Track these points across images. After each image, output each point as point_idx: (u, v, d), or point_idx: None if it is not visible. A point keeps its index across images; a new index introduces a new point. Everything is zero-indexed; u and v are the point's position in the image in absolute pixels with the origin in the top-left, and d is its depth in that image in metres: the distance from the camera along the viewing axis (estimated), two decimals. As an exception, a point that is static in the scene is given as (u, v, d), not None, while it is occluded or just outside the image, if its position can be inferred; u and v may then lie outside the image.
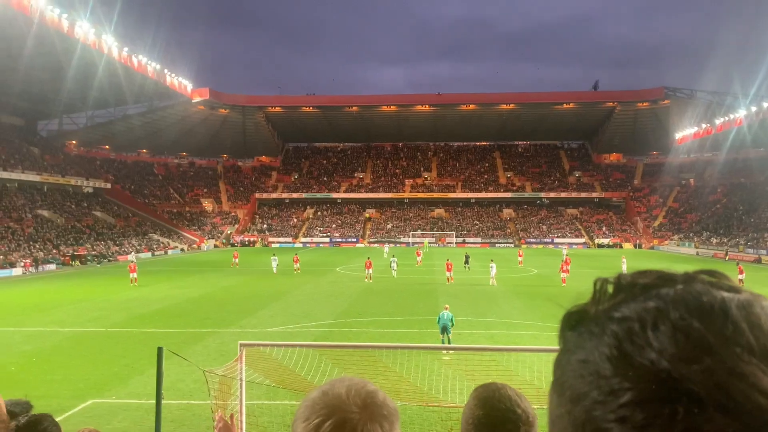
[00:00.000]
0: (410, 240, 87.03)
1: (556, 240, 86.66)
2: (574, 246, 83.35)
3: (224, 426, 4.35)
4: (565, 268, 37.29)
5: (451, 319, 18.99)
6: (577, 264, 48.95)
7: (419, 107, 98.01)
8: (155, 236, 77.27)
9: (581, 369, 0.49)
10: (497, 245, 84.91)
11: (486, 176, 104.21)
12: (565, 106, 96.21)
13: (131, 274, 37.76)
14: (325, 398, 1.11)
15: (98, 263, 57.94)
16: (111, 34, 59.10)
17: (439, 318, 19.22)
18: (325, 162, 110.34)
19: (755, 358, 0.44)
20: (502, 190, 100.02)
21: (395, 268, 42.01)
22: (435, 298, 30.19)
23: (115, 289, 35.29)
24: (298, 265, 46.37)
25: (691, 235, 79.18)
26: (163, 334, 21.19)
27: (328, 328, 22.31)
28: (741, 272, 35.23)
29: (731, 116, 76.90)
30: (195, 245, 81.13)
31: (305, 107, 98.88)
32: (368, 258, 42.21)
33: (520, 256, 52.87)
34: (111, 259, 60.96)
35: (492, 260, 38.60)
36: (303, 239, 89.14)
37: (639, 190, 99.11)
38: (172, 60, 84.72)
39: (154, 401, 8.23)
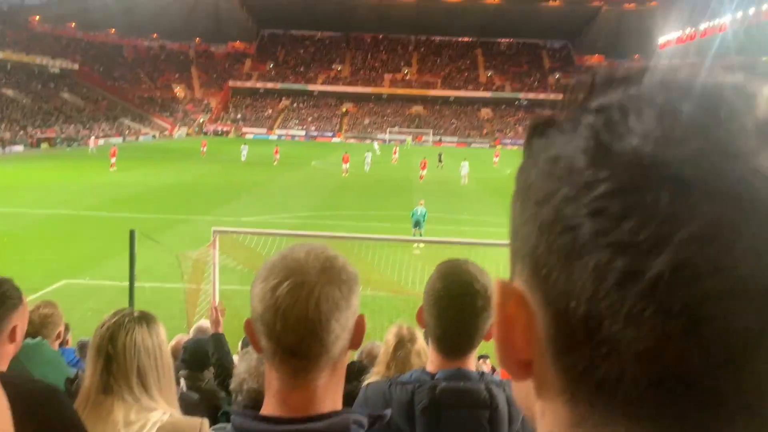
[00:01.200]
0: (387, 137, 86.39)
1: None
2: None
3: (215, 317, 4.49)
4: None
5: (424, 215, 19.24)
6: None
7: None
8: (126, 121, 75.43)
9: (550, 167, 0.40)
10: (473, 145, 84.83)
11: (466, 74, 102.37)
12: (551, 2, 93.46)
13: (111, 159, 37.18)
14: (284, 261, 1.11)
15: (68, 146, 56.72)
16: None
17: (412, 213, 19.47)
18: (302, 51, 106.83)
19: (753, 139, 0.35)
20: (481, 89, 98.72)
21: (369, 162, 42.08)
22: (408, 194, 30.44)
23: (86, 173, 34.80)
24: (278, 156, 46.19)
25: (664, 141, 79.85)
26: (136, 219, 21.15)
27: (303, 220, 22.51)
28: None
29: (716, 21, 75.61)
30: (167, 132, 79.58)
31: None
32: (346, 152, 42.08)
33: (495, 156, 52.98)
34: (81, 142, 59.68)
35: (465, 159, 38.71)
36: (278, 131, 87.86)
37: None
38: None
39: (127, 283, 8.33)
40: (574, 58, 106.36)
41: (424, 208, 19.37)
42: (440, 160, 46.54)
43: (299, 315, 1.06)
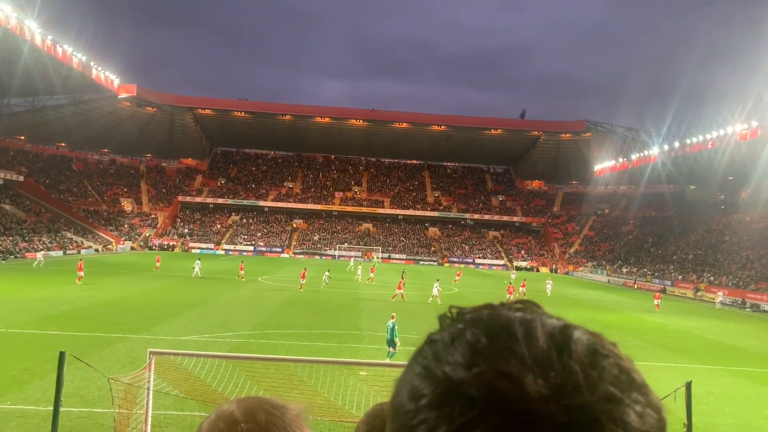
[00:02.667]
0: (336, 253, 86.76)
1: (477, 260, 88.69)
2: (494, 267, 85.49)
3: None
4: (512, 290, 41.46)
5: (392, 330, 18.47)
6: (502, 285, 50.20)
7: (353, 121, 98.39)
8: (68, 234, 73.65)
9: (402, 388, 0.58)
10: (421, 263, 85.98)
11: (414, 194, 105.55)
12: (493, 131, 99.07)
13: (78, 272, 36.07)
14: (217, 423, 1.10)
15: (3, 259, 54.62)
16: (34, 20, 56.25)
17: (387, 329, 18.83)
18: (254, 169, 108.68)
19: (526, 363, 0.52)
20: (429, 209, 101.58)
21: (326, 281, 42.68)
22: (357, 312, 30.20)
23: (20, 288, 33.34)
24: (242, 272, 46.63)
25: (603, 263, 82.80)
26: (70, 337, 20.18)
27: (245, 338, 21.88)
28: (657, 298, 42.16)
29: (646, 152, 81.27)
30: (110, 246, 77.88)
31: (237, 112, 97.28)
32: (305, 268, 42.88)
33: (457, 275, 54.99)
34: (18, 255, 57.61)
35: (438, 279, 39.02)
36: (226, 246, 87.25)
37: (558, 216, 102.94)
38: (100, 54, 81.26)
39: (52, 408, 7.83)
40: (516, 181, 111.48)
41: (393, 322, 18.57)
42: (402, 278, 47.02)
43: None
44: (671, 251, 75.80)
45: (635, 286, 66.06)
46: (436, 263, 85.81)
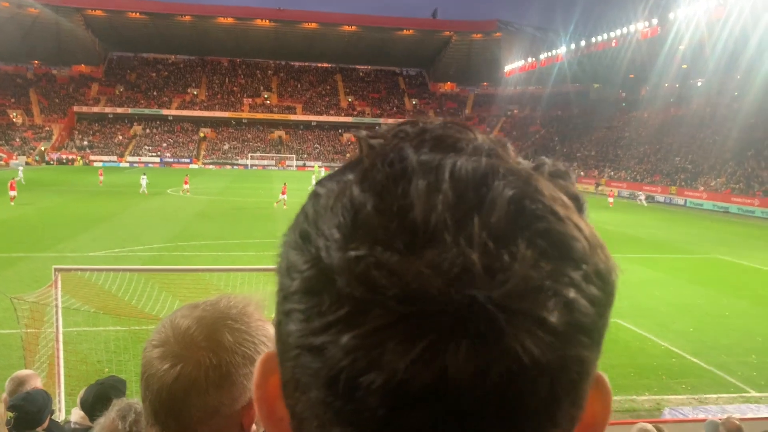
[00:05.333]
0: (248, 162, 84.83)
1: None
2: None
3: None
4: None
5: None
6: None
7: (259, 21, 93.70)
8: (-49, 151, 67.81)
9: (283, 252, 0.45)
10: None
11: (327, 99, 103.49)
12: (405, 32, 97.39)
13: (11, 192, 33.27)
14: (171, 330, 1.05)
15: None
16: None
17: None
18: (154, 75, 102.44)
19: (414, 245, 0.38)
20: (343, 114, 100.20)
21: (144, 185, 41.31)
22: (273, 221, 29.97)
23: None
24: (188, 186, 43.29)
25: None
26: (-36, 259, 18.95)
27: (158, 252, 21.33)
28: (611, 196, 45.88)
29: (554, 52, 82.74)
30: (2, 162, 72.53)
31: (131, 12, 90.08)
32: (284, 183, 40.99)
33: None
34: None
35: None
36: (129, 158, 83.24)
37: (470, 119, 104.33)
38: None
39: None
40: (429, 84, 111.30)
41: None
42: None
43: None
44: (575, 149, 79.18)
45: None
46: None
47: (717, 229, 35.10)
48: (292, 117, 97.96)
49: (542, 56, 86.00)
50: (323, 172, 40.48)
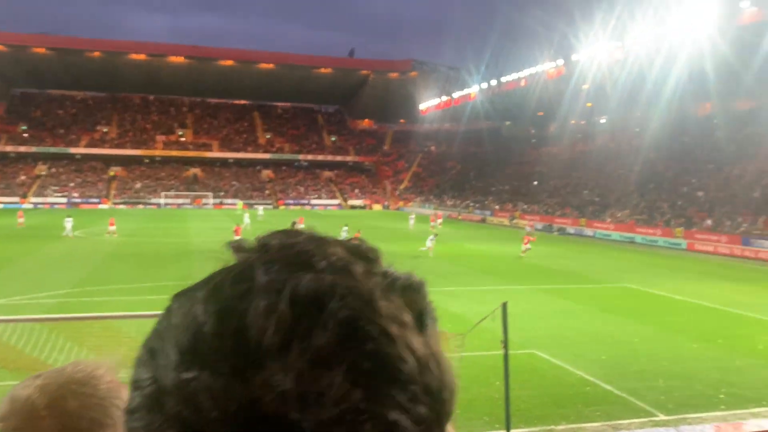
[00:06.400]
0: (162, 201, 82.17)
1: (313, 201, 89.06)
2: (329, 207, 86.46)
3: None
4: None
5: None
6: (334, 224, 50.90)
7: (173, 58, 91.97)
8: None
9: (137, 358, 0.49)
10: (255, 206, 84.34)
11: (245, 136, 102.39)
12: (323, 70, 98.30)
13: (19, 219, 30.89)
14: (12, 404, 0.98)
15: None
16: None
17: None
18: (62, 112, 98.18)
19: (237, 369, 0.39)
20: (261, 151, 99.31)
21: (69, 228, 39.77)
22: (189, 261, 29.01)
23: None
24: (114, 228, 40.78)
25: (431, 197, 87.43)
26: None
27: (64, 298, 20.13)
28: (526, 242, 34.96)
29: (466, 91, 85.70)
30: None
31: (36, 47, 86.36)
32: (237, 224, 39.37)
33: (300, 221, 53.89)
34: None
35: (436, 234, 37.62)
36: (33, 199, 78.80)
37: (388, 155, 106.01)
38: None
39: None
40: (347, 121, 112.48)
41: None
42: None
43: None
44: (490, 183, 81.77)
45: (459, 217, 70.84)
46: (271, 206, 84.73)
47: (624, 258, 36.88)
48: (208, 154, 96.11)
49: (456, 95, 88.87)
50: (246, 212, 39.98)
